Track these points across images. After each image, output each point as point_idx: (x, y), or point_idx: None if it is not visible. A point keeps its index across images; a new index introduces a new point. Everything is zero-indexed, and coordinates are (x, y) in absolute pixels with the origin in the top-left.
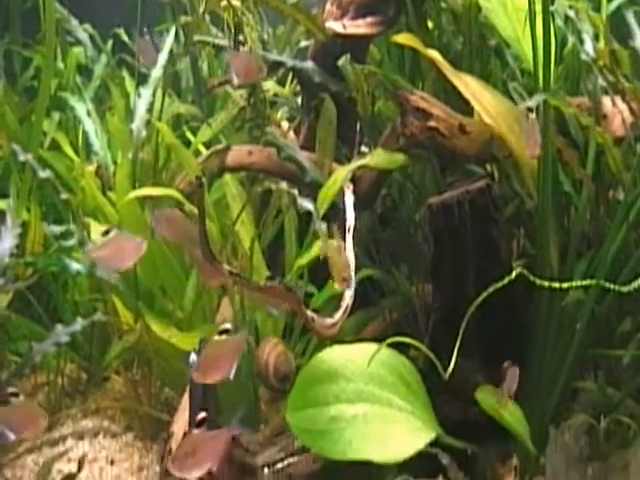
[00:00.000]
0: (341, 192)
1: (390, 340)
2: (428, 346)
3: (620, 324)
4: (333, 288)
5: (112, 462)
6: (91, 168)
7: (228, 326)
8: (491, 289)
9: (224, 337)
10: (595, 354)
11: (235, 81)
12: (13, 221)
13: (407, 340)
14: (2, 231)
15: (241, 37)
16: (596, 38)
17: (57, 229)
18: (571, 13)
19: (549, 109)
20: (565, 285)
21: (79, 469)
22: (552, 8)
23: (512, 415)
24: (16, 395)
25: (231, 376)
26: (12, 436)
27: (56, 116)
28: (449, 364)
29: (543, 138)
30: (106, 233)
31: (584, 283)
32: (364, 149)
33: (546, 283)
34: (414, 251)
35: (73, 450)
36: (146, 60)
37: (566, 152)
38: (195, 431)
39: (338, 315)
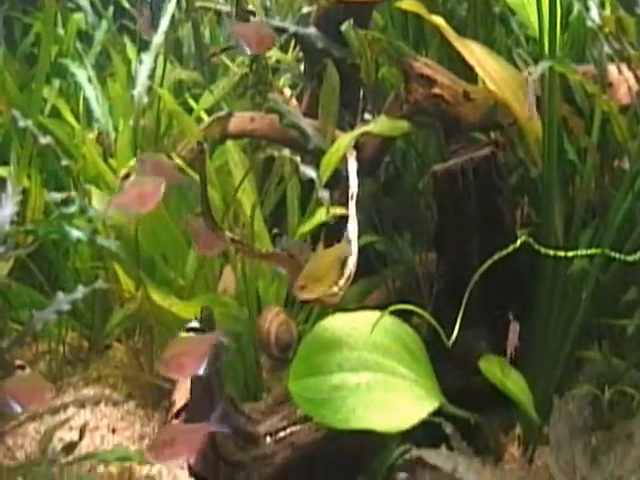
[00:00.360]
0: (344, 159)
1: (393, 307)
2: (431, 315)
3: (625, 293)
4: None
5: (114, 430)
6: (92, 135)
7: (196, 324)
8: (495, 257)
9: (191, 334)
10: (600, 324)
11: (247, 51)
12: (13, 188)
13: (410, 307)
14: (2, 198)
15: (244, 4)
16: (602, 5)
17: (58, 196)
18: None
19: (554, 76)
20: (570, 254)
21: (80, 437)
22: None
23: (516, 384)
24: (22, 368)
25: (200, 373)
26: (18, 408)
27: (57, 83)
28: (452, 333)
29: (548, 106)
30: (126, 177)
31: (589, 252)
32: (367, 116)
33: (551, 252)
34: (417, 219)
35: (74, 418)
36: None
37: (571, 120)
38: (174, 421)
39: (341, 283)
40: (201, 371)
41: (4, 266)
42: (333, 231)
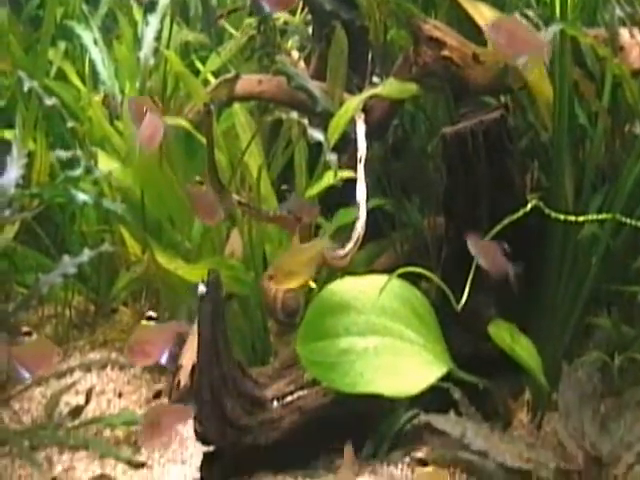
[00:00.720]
0: (352, 122)
1: (402, 270)
2: (440, 279)
3: (635, 260)
4: (344, 218)
5: (120, 395)
6: (98, 98)
7: (153, 314)
8: (505, 222)
9: (151, 323)
10: (609, 290)
11: (268, 9)
12: (19, 151)
13: (420, 270)
14: (8, 162)
15: None
16: None
17: (64, 154)
18: None
19: (566, 39)
20: (580, 219)
21: (87, 401)
22: None
23: (525, 350)
24: (29, 334)
25: (163, 362)
26: (26, 374)
27: (62, 45)
28: (461, 297)
29: (559, 69)
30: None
31: (599, 217)
32: (375, 79)
33: (561, 216)
34: (426, 183)
35: (81, 382)
36: None
37: (582, 84)
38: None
39: (349, 246)
40: (164, 360)
41: (10, 229)
42: (341, 195)
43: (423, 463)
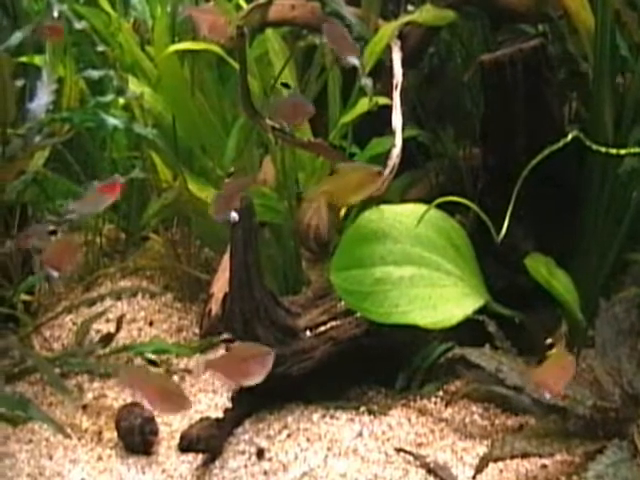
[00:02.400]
0: (387, 49)
1: (440, 200)
2: (475, 211)
3: None
4: (377, 147)
5: (151, 323)
6: (128, 23)
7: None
8: (545, 152)
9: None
10: None
11: None
12: (49, 77)
13: (458, 199)
14: (38, 87)
15: None
16: None
17: (96, 73)
18: None
19: None
20: (622, 152)
21: (117, 329)
22: None
23: (562, 284)
24: (54, 233)
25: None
26: (56, 274)
27: None
28: (498, 230)
29: None
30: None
31: None
32: (411, 6)
33: (602, 149)
34: (461, 112)
35: (111, 310)
36: None
37: (624, 13)
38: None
39: (385, 174)
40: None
41: (40, 156)
42: (375, 123)
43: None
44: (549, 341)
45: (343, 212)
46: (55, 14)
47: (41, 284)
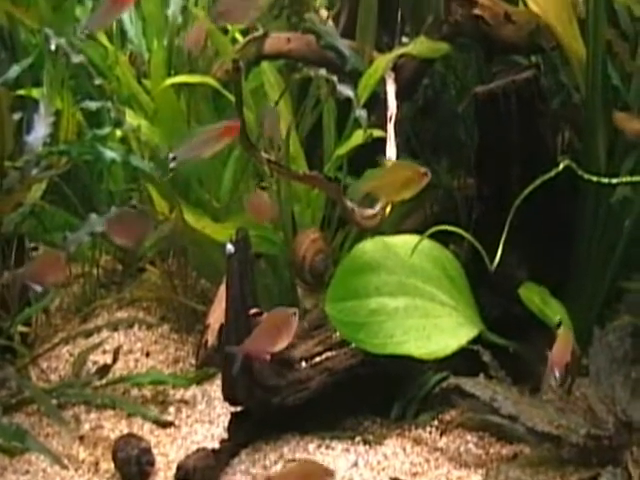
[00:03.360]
0: (382, 81)
1: (434, 229)
2: (470, 240)
3: None
4: None
5: (147, 354)
6: (125, 56)
7: None
8: (538, 182)
9: None
10: None
11: None
12: (46, 109)
13: (452, 229)
14: (35, 120)
15: None
16: None
17: (93, 105)
18: None
19: None
20: (614, 181)
21: (114, 360)
22: None
23: (556, 313)
24: (35, 249)
25: None
26: (38, 288)
27: (89, 3)
28: (492, 259)
29: (593, 29)
30: None
31: (632, 179)
32: (405, 38)
33: (594, 178)
34: (456, 143)
35: (108, 341)
36: None
37: (616, 44)
38: None
39: (379, 206)
40: None
41: (38, 188)
42: (370, 155)
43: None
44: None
45: (337, 243)
46: (52, 47)
47: (38, 315)
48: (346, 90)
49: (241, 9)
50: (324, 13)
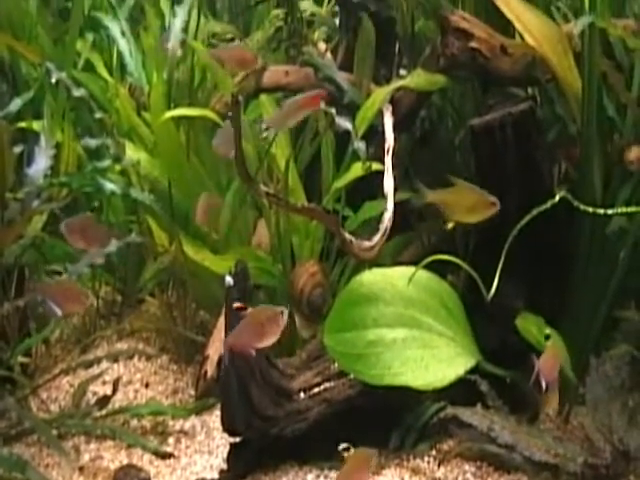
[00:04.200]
0: (380, 113)
1: (431, 258)
2: (467, 271)
3: None
4: (370, 211)
5: (147, 385)
6: (124, 89)
7: None
8: (533, 213)
9: None
10: (638, 283)
11: None
12: (47, 142)
13: (449, 258)
14: (36, 152)
15: None
16: None
17: (93, 142)
18: None
19: (594, 31)
20: (609, 211)
21: (114, 391)
22: None
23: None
24: (59, 274)
25: None
26: (59, 312)
27: (90, 36)
28: (489, 289)
29: (588, 61)
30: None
31: (628, 210)
32: (403, 71)
33: (589, 209)
34: (453, 174)
35: (108, 372)
36: None
37: (611, 75)
38: None
39: (377, 238)
40: None
41: (38, 220)
42: (368, 187)
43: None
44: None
45: (336, 274)
46: (53, 80)
47: (38, 346)
48: (344, 123)
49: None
50: (322, 46)
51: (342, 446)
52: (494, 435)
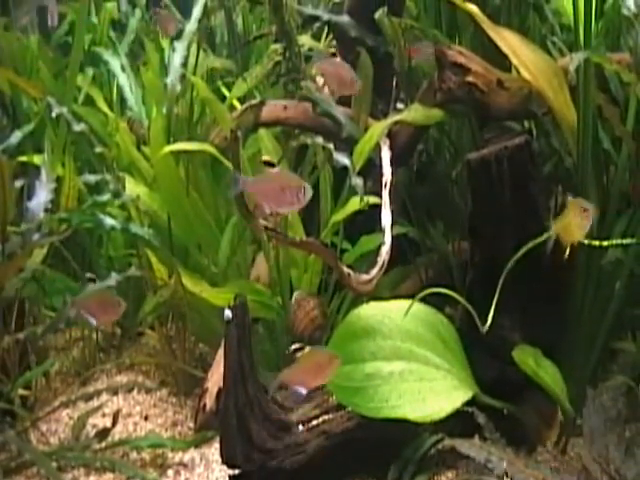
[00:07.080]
0: (377, 148)
1: (427, 291)
2: (465, 304)
3: None
4: (367, 244)
5: (146, 417)
6: (124, 123)
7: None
8: (530, 246)
9: None
10: (634, 314)
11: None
12: (48, 176)
13: (445, 291)
14: (37, 186)
15: None
16: None
17: (92, 178)
18: None
19: (589, 65)
20: (605, 243)
21: (113, 424)
22: None
23: (549, 375)
24: (93, 280)
25: None
26: (94, 321)
27: (90, 71)
28: (486, 321)
29: (583, 95)
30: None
31: (623, 242)
32: (400, 105)
33: (585, 241)
34: (450, 208)
35: (107, 405)
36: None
37: (606, 109)
38: None
39: (374, 271)
40: None
41: (38, 253)
42: (366, 220)
43: None
44: None
45: (334, 307)
46: (54, 115)
47: (38, 379)
48: (342, 158)
49: None
50: (320, 81)
51: None
52: (492, 466)
